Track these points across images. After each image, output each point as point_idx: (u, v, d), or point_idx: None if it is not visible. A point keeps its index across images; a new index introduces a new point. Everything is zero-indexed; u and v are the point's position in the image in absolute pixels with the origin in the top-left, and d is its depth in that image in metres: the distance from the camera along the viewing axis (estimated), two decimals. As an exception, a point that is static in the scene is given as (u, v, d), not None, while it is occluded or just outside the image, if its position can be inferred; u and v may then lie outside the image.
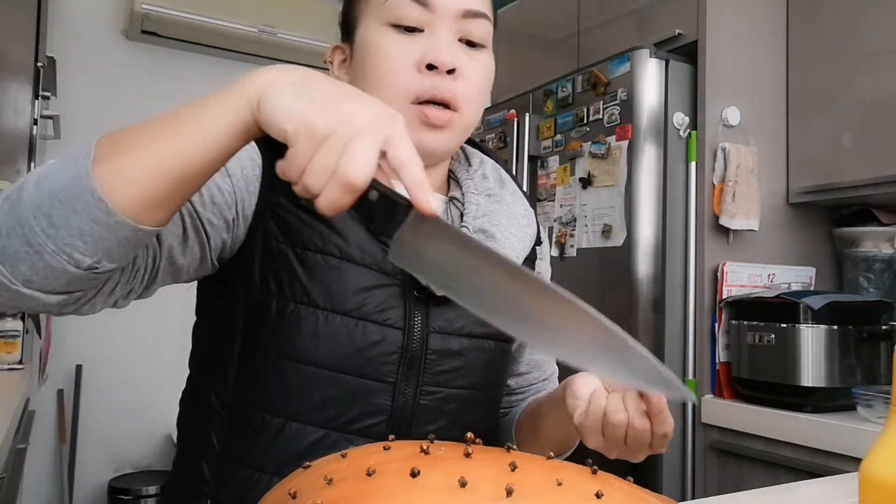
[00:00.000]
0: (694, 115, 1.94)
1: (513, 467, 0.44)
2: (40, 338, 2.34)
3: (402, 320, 0.74)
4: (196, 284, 0.81)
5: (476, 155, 0.91)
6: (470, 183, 0.85)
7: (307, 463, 0.51)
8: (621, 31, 2.22)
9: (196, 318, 0.83)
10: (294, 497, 0.45)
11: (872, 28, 1.81)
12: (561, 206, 2.14)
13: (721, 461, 1.81)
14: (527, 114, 2.29)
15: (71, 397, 2.65)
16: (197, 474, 0.75)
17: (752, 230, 1.90)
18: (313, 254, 0.72)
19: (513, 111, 2.36)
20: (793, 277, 1.98)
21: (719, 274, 1.88)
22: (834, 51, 1.90)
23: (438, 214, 0.52)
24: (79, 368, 2.66)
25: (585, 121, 2.07)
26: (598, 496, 0.43)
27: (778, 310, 1.73)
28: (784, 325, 1.70)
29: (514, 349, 0.90)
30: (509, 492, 0.41)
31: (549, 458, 0.49)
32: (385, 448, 0.49)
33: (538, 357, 0.94)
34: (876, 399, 1.51)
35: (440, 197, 0.84)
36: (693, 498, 1.81)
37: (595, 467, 0.48)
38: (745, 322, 1.79)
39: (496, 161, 0.92)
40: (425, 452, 0.47)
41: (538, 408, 0.87)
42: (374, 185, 0.51)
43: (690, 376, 1.88)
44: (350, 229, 0.73)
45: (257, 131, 0.53)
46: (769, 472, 1.67)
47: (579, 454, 0.73)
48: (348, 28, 0.82)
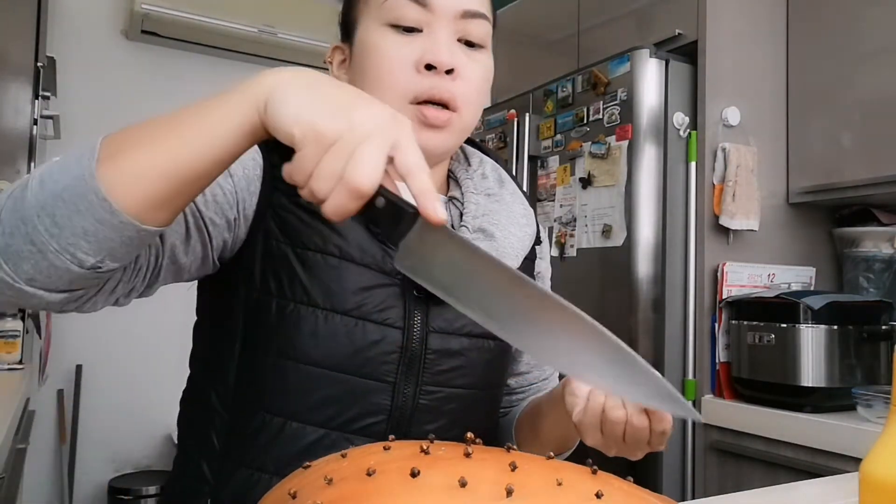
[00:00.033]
0: (694, 115, 1.94)
1: (513, 467, 0.44)
2: (40, 338, 2.34)
3: (402, 320, 0.74)
4: (196, 284, 0.81)
5: (475, 155, 0.91)
6: (469, 182, 0.86)
7: (307, 463, 0.51)
8: (621, 31, 2.22)
9: (197, 318, 0.83)
10: (294, 497, 0.45)
11: (872, 28, 1.81)
12: (561, 206, 2.14)
13: (721, 461, 1.81)
14: (527, 114, 2.29)
15: (71, 397, 2.65)
16: (197, 474, 0.75)
17: (752, 230, 1.90)
18: (313, 253, 0.72)
19: (513, 111, 2.36)
20: (793, 277, 1.98)
21: (719, 274, 1.88)
22: (834, 51, 1.90)
23: (446, 223, 0.51)
24: (79, 368, 2.66)
25: (585, 121, 2.07)
26: (598, 496, 0.43)
27: (778, 310, 1.73)
28: (784, 325, 1.70)
29: (514, 349, 0.90)
30: (509, 492, 0.41)
31: (549, 458, 0.49)
32: (385, 448, 0.49)
33: None
34: (876, 399, 1.51)
35: (440, 197, 0.84)
36: (693, 498, 1.81)
37: (595, 467, 0.48)
38: (745, 322, 1.79)
39: (496, 161, 0.92)
40: (425, 452, 0.47)
41: (538, 407, 0.87)
42: (382, 192, 0.51)
43: (690, 376, 1.88)
44: (350, 229, 0.73)
45: (264, 134, 0.53)
46: (769, 472, 1.67)
47: (579, 454, 0.73)
48: (348, 28, 0.82)
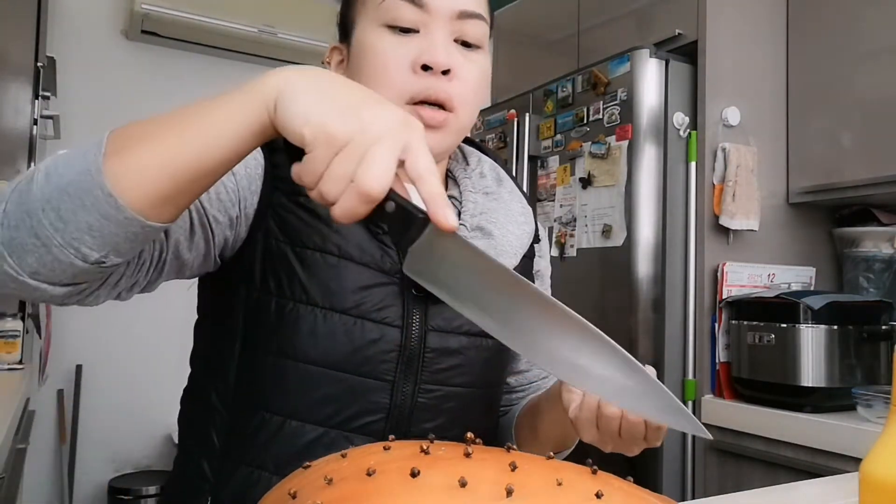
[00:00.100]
0: (694, 115, 1.94)
1: (513, 467, 0.44)
2: (40, 338, 2.34)
3: (401, 318, 0.74)
4: (197, 283, 0.81)
5: (474, 154, 0.91)
6: (467, 181, 0.86)
7: (307, 463, 0.51)
8: (621, 31, 2.22)
9: (198, 316, 0.83)
10: (294, 497, 0.45)
11: (872, 28, 1.81)
12: (561, 206, 2.14)
13: (721, 461, 1.81)
14: (527, 114, 2.29)
15: (71, 397, 2.65)
16: (198, 473, 0.75)
17: (752, 230, 1.90)
18: (312, 252, 0.72)
19: (513, 111, 2.36)
20: (793, 277, 1.98)
21: (719, 274, 1.88)
22: (834, 51, 1.90)
23: (457, 230, 0.51)
24: (79, 368, 2.66)
25: (585, 121, 2.07)
26: (598, 496, 0.43)
27: (778, 310, 1.73)
28: (784, 325, 1.70)
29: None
30: (509, 492, 0.41)
31: (549, 458, 0.49)
32: (385, 448, 0.49)
33: None
34: (876, 399, 1.51)
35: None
36: (693, 498, 1.81)
37: (595, 467, 0.48)
38: (745, 322, 1.79)
39: (494, 160, 0.92)
40: (425, 452, 0.47)
41: (537, 406, 0.87)
42: (392, 196, 0.50)
43: (690, 376, 1.88)
44: (349, 228, 0.73)
45: (273, 133, 0.52)
46: (769, 472, 1.67)
47: (579, 453, 0.73)
48: (346, 29, 0.82)
